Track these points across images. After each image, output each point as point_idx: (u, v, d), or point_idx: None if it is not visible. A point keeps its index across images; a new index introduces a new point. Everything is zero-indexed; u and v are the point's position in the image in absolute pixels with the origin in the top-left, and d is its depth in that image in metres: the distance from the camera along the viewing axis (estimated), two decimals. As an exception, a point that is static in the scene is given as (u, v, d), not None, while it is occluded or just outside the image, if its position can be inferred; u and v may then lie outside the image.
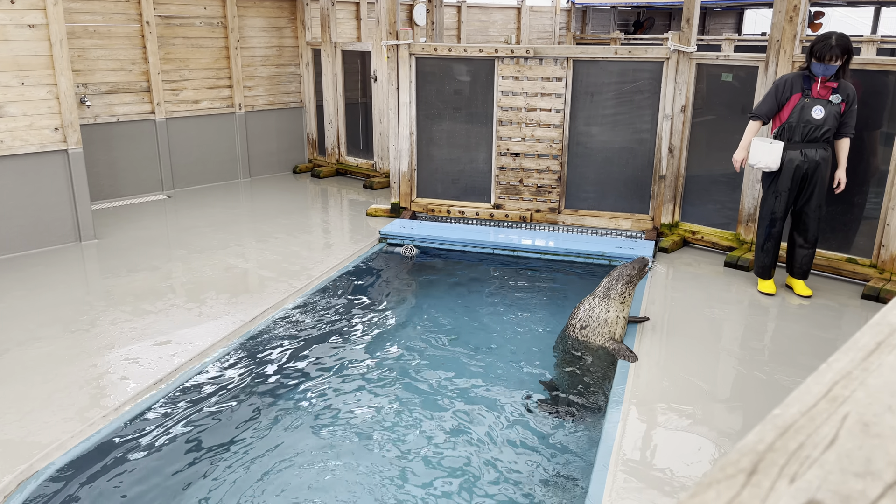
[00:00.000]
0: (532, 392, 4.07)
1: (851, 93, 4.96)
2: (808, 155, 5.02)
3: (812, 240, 5.25)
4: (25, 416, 3.67)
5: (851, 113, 4.99)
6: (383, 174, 9.03)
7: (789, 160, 5.04)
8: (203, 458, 3.45)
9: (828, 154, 5.05)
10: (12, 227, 6.20)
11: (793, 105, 5.01)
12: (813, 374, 0.55)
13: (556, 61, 6.66)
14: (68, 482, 3.23)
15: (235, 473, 3.32)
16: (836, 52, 4.81)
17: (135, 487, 3.23)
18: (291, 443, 3.56)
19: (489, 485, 3.23)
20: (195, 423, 3.73)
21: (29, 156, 6.20)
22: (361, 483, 3.24)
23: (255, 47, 9.23)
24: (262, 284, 5.60)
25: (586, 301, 4.59)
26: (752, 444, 0.47)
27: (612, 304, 4.49)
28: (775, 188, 5.16)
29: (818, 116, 4.93)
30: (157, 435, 3.62)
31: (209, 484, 3.25)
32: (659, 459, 3.36)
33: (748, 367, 4.34)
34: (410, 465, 3.37)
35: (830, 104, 4.93)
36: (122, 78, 8.05)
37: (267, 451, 3.49)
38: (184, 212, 7.88)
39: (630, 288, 4.53)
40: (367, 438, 3.59)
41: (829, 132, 4.98)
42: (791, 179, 5.08)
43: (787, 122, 5.04)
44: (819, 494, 0.41)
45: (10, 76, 5.98)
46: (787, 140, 5.05)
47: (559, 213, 6.99)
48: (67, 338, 4.61)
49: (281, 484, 3.24)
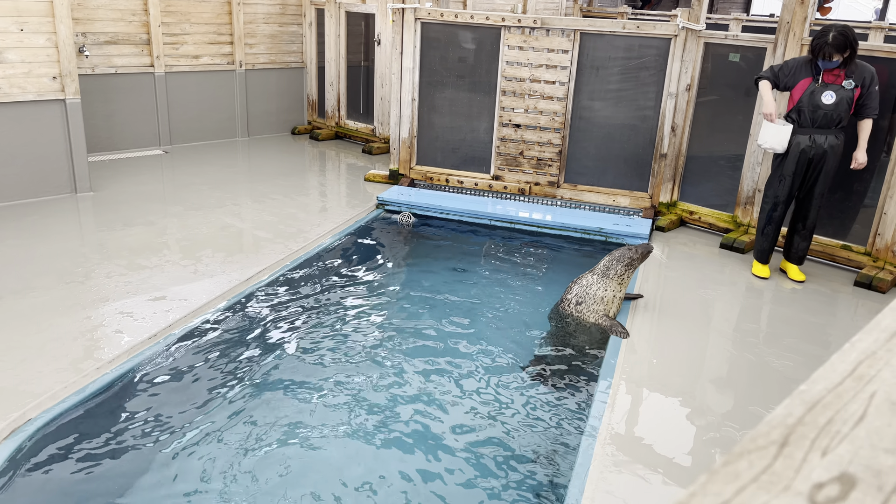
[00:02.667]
0: (523, 364, 4.10)
1: (868, 75, 4.89)
2: (816, 140, 4.99)
3: (810, 227, 5.25)
4: (18, 365, 3.68)
5: (871, 95, 4.91)
6: (383, 139, 8.97)
7: (796, 144, 5.03)
8: (195, 413, 3.47)
9: (838, 142, 5.00)
10: (8, 175, 6.14)
11: (803, 89, 4.97)
12: (837, 353, 0.55)
13: (563, 33, 6.59)
14: (61, 432, 3.25)
15: (225, 429, 3.34)
16: (830, 51, 4.78)
17: (127, 439, 3.25)
18: (281, 402, 3.58)
19: (477, 455, 3.27)
20: (188, 378, 3.75)
21: (26, 104, 6.12)
22: (346, 448, 3.28)
23: (258, 4, 9.08)
24: (257, 245, 5.58)
25: (584, 277, 4.60)
26: (782, 417, 0.47)
27: (610, 283, 4.51)
28: (781, 172, 5.16)
29: (828, 102, 4.89)
30: (149, 388, 3.64)
31: (200, 437, 3.27)
32: (647, 434, 3.40)
33: (738, 348, 4.38)
34: (397, 433, 3.40)
35: (843, 89, 4.88)
36: (122, 29, 7.91)
37: (257, 408, 3.52)
38: (181, 168, 7.82)
39: (630, 270, 4.55)
40: (354, 402, 3.62)
41: (841, 118, 4.93)
42: (796, 164, 5.06)
43: (797, 106, 5.02)
44: (851, 468, 0.42)
45: (9, 22, 5.87)
46: (797, 124, 5.03)
47: (558, 187, 6.97)
48: (62, 289, 4.60)
49: (269, 440, 3.27)
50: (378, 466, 3.15)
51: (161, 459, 3.14)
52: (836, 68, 4.88)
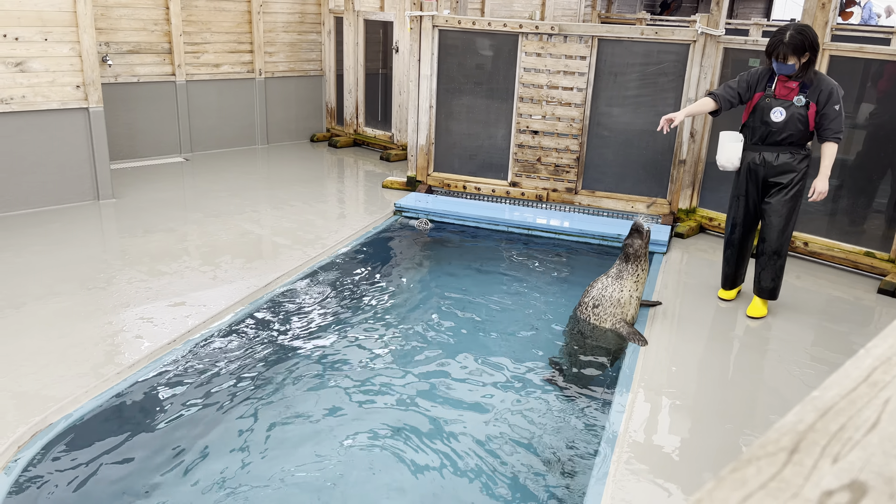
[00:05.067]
0: (540, 370, 4.08)
1: (826, 91, 4.32)
2: (766, 158, 4.52)
3: (770, 252, 4.65)
4: (41, 370, 3.73)
5: (829, 114, 4.32)
6: (400, 146, 9.00)
7: (745, 162, 4.61)
8: (213, 418, 3.49)
9: (794, 160, 4.48)
10: (33, 182, 6.24)
11: (753, 104, 4.54)
12: (851, 359, 0.55)
13: (581, 39, 6.58)
14: (82, 436, 3.29)
15: (243, 434, 3.36)
16: (786, 51, 4.26)
17: (146, 443, 3.28)
18: (299, 407, 3.60)
19: (492, 460, 3.26)
20: (206, 383, 3.78)
21: (50, 112, 6.23)
22: (364, 454, 3.28)
23: (278, 13, 9.17)
24: (276, 251, 5.62)
25: (599, 280, 4.58)
26: (792, 423, 0.47)
27: (625, 283, 4.47)
28: (735, 191, 4.78)
29: (777, 119, 4.41)
30: (169, 393, 3.67)
31: (218, 443, 3.29)
32: (665, 442, 3.37)
33: (758, 356, 4.33)
34: (413, 438, 3.40)
35: (793, 106, 4.38)
36: (144, 38, 8.03)
37: (276, 413, 3.53)
38: (201, 175, 7.90)
39: (638, 263, 4.47)
40: (371, 408, 3.62)
41: (793, 137, 4.43)
42: (746, 182, 4.66)
43: (747, 122, 4.61)
44: (862, 475, 0.41)
45: (33, 31, 5.98)
46: (748, 140, 4.60)
47: (576, 193, 6.95)
48: (84, 294, 4.66)
49: (287, 444, 3.28)
50: (394, 472, 3.15)
51: (180, 464, 3.16)
52: (790, 77, 4.39)
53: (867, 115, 5.78)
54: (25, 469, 3.04)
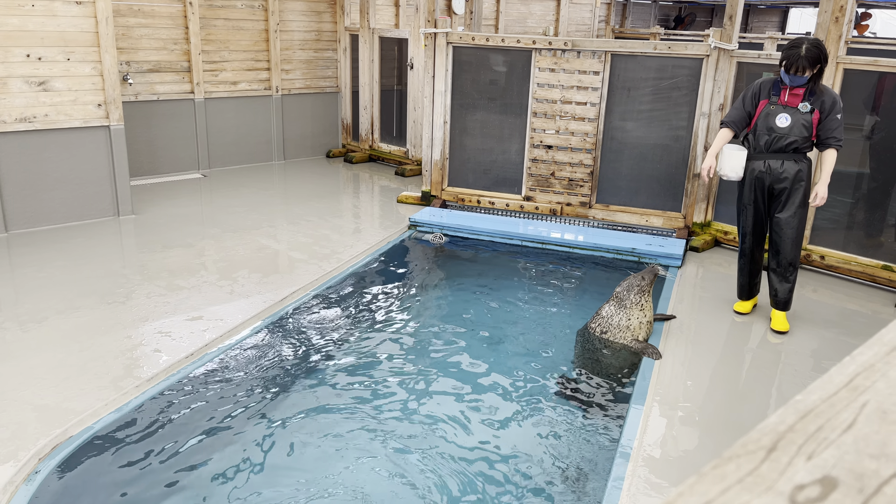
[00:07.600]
0: (553, 384, 4.09)
1: (829, 100, 4.43)
2: (771, 166, 4.56)
3: (785, 264, 4.68)
4: (62, 383, 3.79)
5: (831, 122, 4.42)
6: (415, 162, 9.07)
7: (750, 171, 4.64)
8: (230, 431, 3.53)
9: (799, 167, 4.54)
10: (55, 199, 6.37)
11: (759, 111, 4.60)
12: (836, 366, 0.57)
13: (594, 54, 6.63)
14: (101, 448, 3.34)
15: (260, 446, 3.40)
16: (804, 65, 4.34)
17: (165, 456, 3.33)
18: (316, 421, 3.63)
19: (504, 474, 3.27)
20: (223, 396, 3.83)
21: (72, 130, 6.36)
22: (377, 465, 3.30)
23: (295, 31, 9.31)
24: (292, 266, 5.68)
25: (603, 308, 4.58)
26: (774, 424, 0.49)
27: (631, 311, 4.48)
28: (741, 201, 4.79)
29: (783, 125, 4.48)
30: (187, 406, 3.72)
31: (235, 456, 3.33)
32: (680, 457, 3.36)
33: (774, 369, 4.31)
34: (427, 450, 3.42)
35: (798, 112, 4.46)
36: (164, 57, 8.18)
37: (292, 426, 3.57)
38: (219, 191, 8.01)
39: (644, 296, 4.51)
40: (386, 421, 3.65)
41: (798, 143, 4.49)
42: (752, 191, 4.67)
43: (753, 129, 4.64)
44: (834, 472, 0.43)
45: (56, 51, 6.13)
46: (753, 149, 4.64)
47: (590, 207, 6.97)
48: (104, 309, 4.74)
49: (307, 460, 3.31)
50: (409, 487, 3.16)
51: (198, 476, 3.20)
52: (800, 86, 4.46)
53: (883, 129, 5.76)
54: (46, 480, 3.09)
